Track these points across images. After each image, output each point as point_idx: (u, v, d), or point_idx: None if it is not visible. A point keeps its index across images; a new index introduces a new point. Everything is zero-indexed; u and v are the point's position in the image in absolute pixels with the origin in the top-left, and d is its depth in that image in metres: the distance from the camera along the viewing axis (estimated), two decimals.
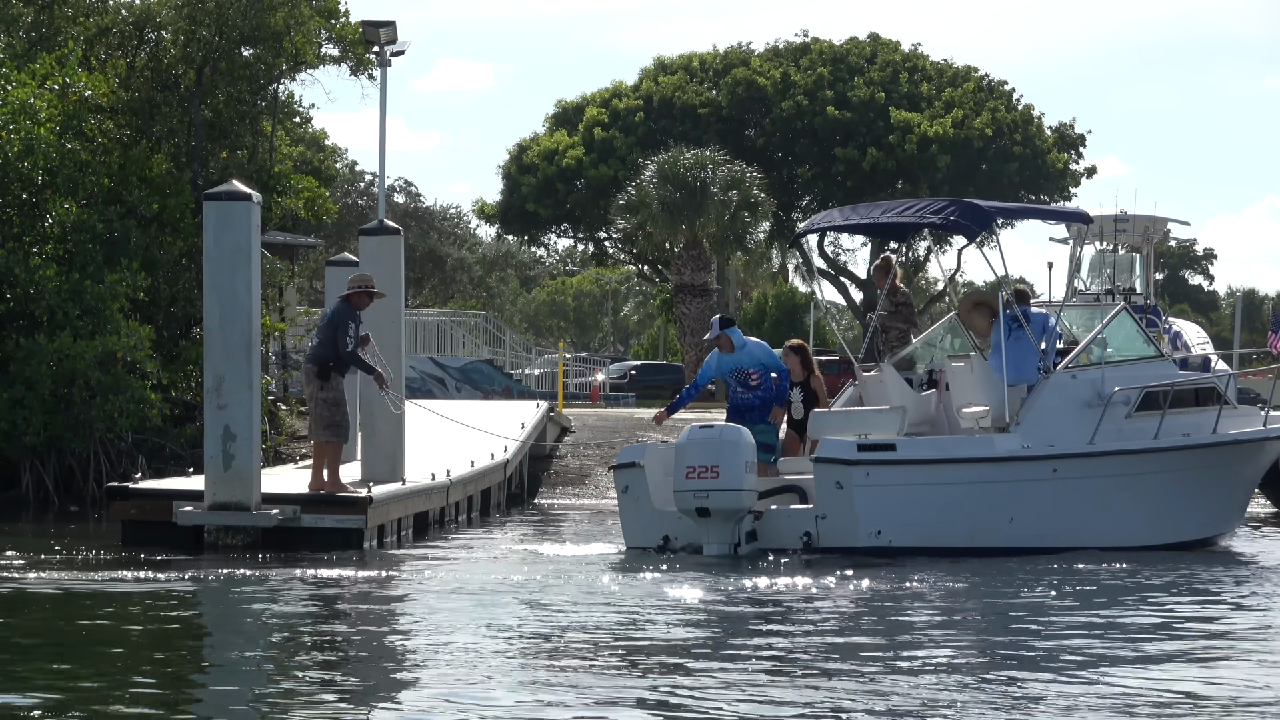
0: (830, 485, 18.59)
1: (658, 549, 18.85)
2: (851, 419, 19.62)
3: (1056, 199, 67.89)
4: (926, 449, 19.13)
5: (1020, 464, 19.07)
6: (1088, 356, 20.23)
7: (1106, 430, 19.53)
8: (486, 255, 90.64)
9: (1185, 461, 20.18)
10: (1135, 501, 19.70)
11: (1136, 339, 20.98)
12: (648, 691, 10.82)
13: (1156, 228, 32.77)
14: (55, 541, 20.69)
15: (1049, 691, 10.90)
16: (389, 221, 22.58)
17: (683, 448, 18.48)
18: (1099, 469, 19.45)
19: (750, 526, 18.60)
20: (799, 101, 66.45)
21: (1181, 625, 14.38)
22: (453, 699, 10.57)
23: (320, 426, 19.58)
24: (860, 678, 11.30)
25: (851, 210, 22.39)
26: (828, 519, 18.57)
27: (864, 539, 18.54)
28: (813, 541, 18.54)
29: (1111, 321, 20.73)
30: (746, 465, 18.29)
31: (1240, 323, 38.44)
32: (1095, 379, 19.86)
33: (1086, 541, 19.17)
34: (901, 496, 18.67)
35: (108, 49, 30.73)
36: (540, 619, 14.06)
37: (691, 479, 18.21)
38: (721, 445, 18.25)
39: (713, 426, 18.86)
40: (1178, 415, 20.12)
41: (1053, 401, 19.57)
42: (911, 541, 18.64)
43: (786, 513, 18.95)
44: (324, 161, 53.17)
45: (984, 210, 20.17)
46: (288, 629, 13.88)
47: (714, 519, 18.31)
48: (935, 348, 21.74)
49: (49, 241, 27.04)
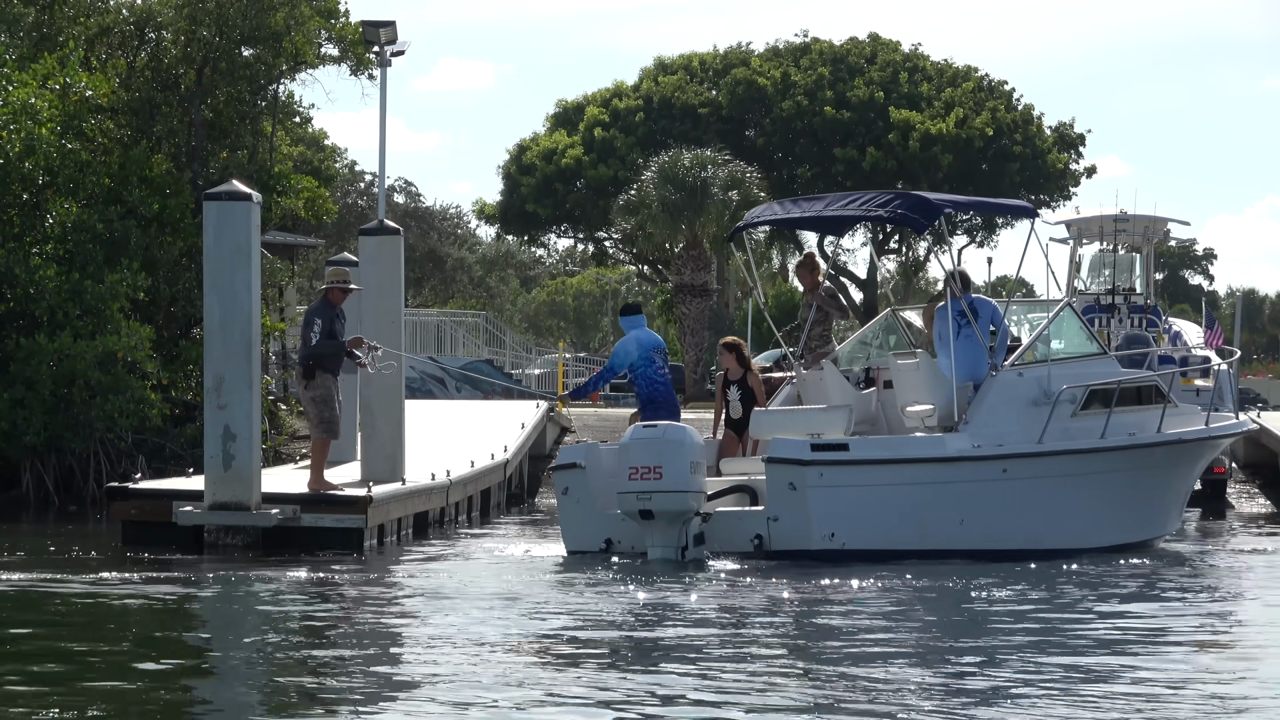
0: (783, 486, 18.03)
1: (599, 552, 18.34)
2: (796, 418, 19.11)
3: (1057, 199, 67.95)
4: (880, 449, 18.63)
5: (971, 464, 18.58)
6: (1033, 354, 19.75)
7: (1054, 429, 19.06)
8: (486, 255, 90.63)
9: (1134, 461, 19.76)
10: (1084, 502, 19.25)
11: (1080, 336, 20.51)
12: (646, 692, 10.83)
13: (1156, 228, 32.82)
14: (55, 542, 20.69)
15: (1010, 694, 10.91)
16: (389, 221, 22.57)
17: (625, 447, 17.94)
18: (1048, 469, 19.01)
19: (698, 529, 17.94)
20: (799, 101, 66.45)
21: (1143, 626, 14.39)
22: (452, 699, 10.57)
23: (310, 424, 19.71)
24: (870, 682, 11.31)
25: (793, 203, 21.68)
26: (780, 521, 18.02)
27: (817, 542, 18.00)
28: (764, 544, 18.00)
29: (1056, 318, 20.23)
30: (692, 465, 17.67)
31: (1240, 323, 38.39)
32: (1042, 376, 19.36)
33: (1036, 543, 18.78)
34: (855, 498, 18.13)
35: (108, 49, 30.73)
36: (539, 619, 14.07)
37: (634, 480, 17.62)
38: (665, 445, 17.67)
39: (656, 426, 18.19)
40: (1123, 414, 19.65)
41: (1001, 400, 19.09)
42: (865, 544, 18.12)
43: (736, 515, 18.38)
44: (324, 161, 53.14)
45: (931, 202, 19.60)
46: (287, 629, 13.88)
47: (658, 521, 17.70)
48: (870, 346, 21.25)
49: (49, 241, 27.04)
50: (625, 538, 18.26)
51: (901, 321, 21.32)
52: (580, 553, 18.52)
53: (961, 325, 19.16)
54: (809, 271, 20.78)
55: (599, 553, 18.35)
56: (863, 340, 21.47)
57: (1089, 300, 31.93)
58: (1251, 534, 24.06)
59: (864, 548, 18.07)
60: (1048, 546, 18.80)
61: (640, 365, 19.72)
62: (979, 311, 19.41)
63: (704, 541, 17.94)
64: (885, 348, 20.93)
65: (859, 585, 16.26)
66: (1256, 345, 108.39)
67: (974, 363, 19.21)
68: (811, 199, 21.73)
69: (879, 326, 21.51)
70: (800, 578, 16.64)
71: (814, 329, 20.48)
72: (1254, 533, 24.33)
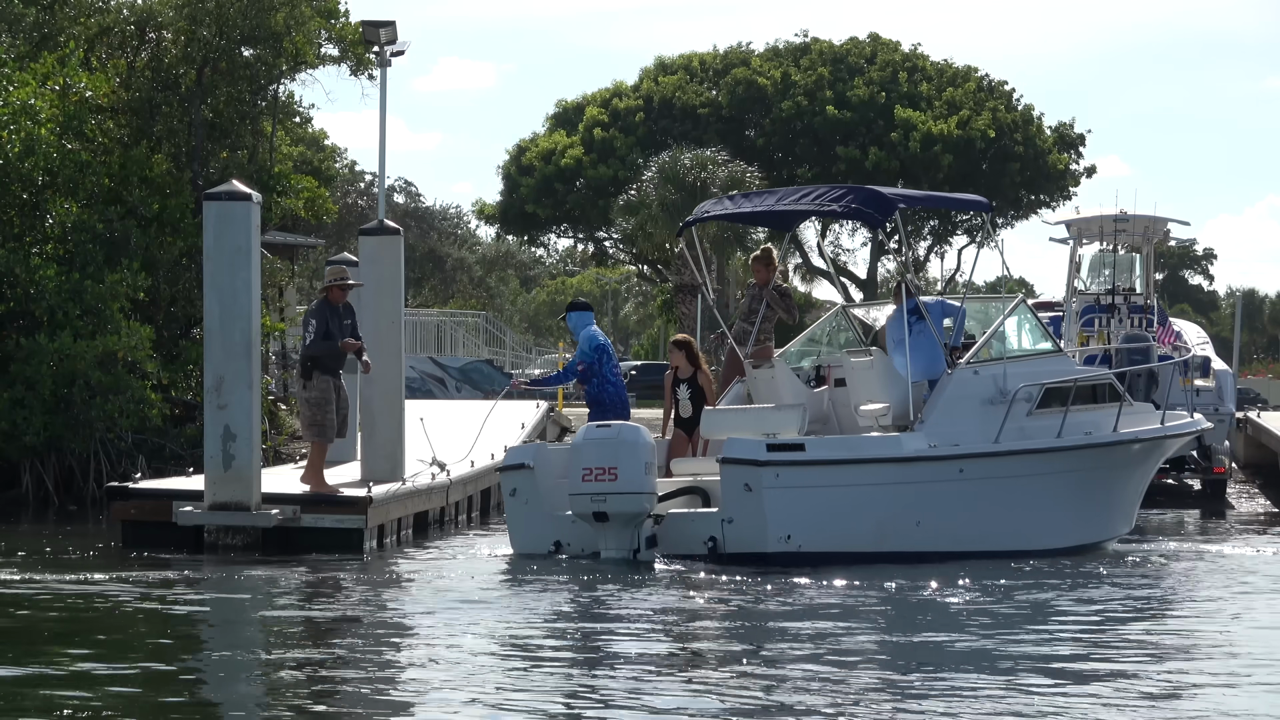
0: (738, 487, 17.59)
1: (548, 555, 17.99)
2: (748, 417, 18.68)
3: (1057, 199, 67.94)
4: (836, 449, 18.19)
5: (928, 464, 18.17)
6: (989, 351, 19.27)
7: (1010, 429, 18.64)
8: (486, 255, 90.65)
9: (1091, 461, 19.39)
10: (1041, 503, 18.86)
11: (1035, 333, 20.03)
12: (643, 694, 10.84)
13: (1156, 228, 32.78)
14: (55, 542, 20.68)
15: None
16: (389, 221, 22.57)
17: (579, 448, 17.57)
18: (1005, 469, 18.62)
19: (650, 531, 17.63)
20: (799, 101, 66.45)
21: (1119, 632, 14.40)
22: (452, 699, 10.58)
23: (304, 425, 19.70)
24: (829, 686, 11.31)
25: (744, 197, 21.15)
26: (735, 523, 17.58)
27: (773, 544, 17.56)
28: (718, 547, 17.58)
29: (1011, 315, 19.72)
30: (646, 466, 17.36)
31: (1240, 323, 38.41)
32: (998, 375, 18.92)
33: (993, 545, 18.39)
34: (812, 499, 17.70)
35: (108, 49, 30.71)
36: (537, 620, 14.07)
37: (588, 481, 17.27)
38: (620, 445, 17.33)
39: (610, 425, 17.81)
40: (1078, 412, 19.21)
41: (956, 398, 18.65)
42: (821, 546, 17.67)
43: (689, 516, 17.99)
44: (324, 161, 53.14)
45: (886, 197, 19.19)
46: (287, 629, 13.89)
47: (612, 523, 17.39)
48: (820, 344, 20.80)
49: (49, 241, 27.03)
50: (575, 540, 17.93)
51: (852, 319, 20.86)
52: (528, 555, 18.13)
53: (913, 323, 18.81)
54: (764, 266, 20.26)
55: (548, 555, 17.99)
56: (812, 338, 20.98)
57: (1089, 300, 31.92)
58: (1251, 534, 24.05)
59: (821, 550, 17.64)
60: (1005, 548, 18.42)
61: (596, 362, 19.41)
62: (931, 307, 19.07)
63: (656, 544, 17.65)
64: (835, 345, 20.52)
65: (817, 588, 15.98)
66: (1257, 345, 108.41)
67: (929, 360, 18.83)
68: (763, 193, 21.30)
69: (829, 324, 21.05)
70: (759, 580, 16.35)
71: (764, 325, 20.03)
72: (1253, 533, 24.33)
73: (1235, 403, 30.91)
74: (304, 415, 19.64)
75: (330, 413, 19.42)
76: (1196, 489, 30.42)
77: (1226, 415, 29.53)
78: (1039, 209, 68.25)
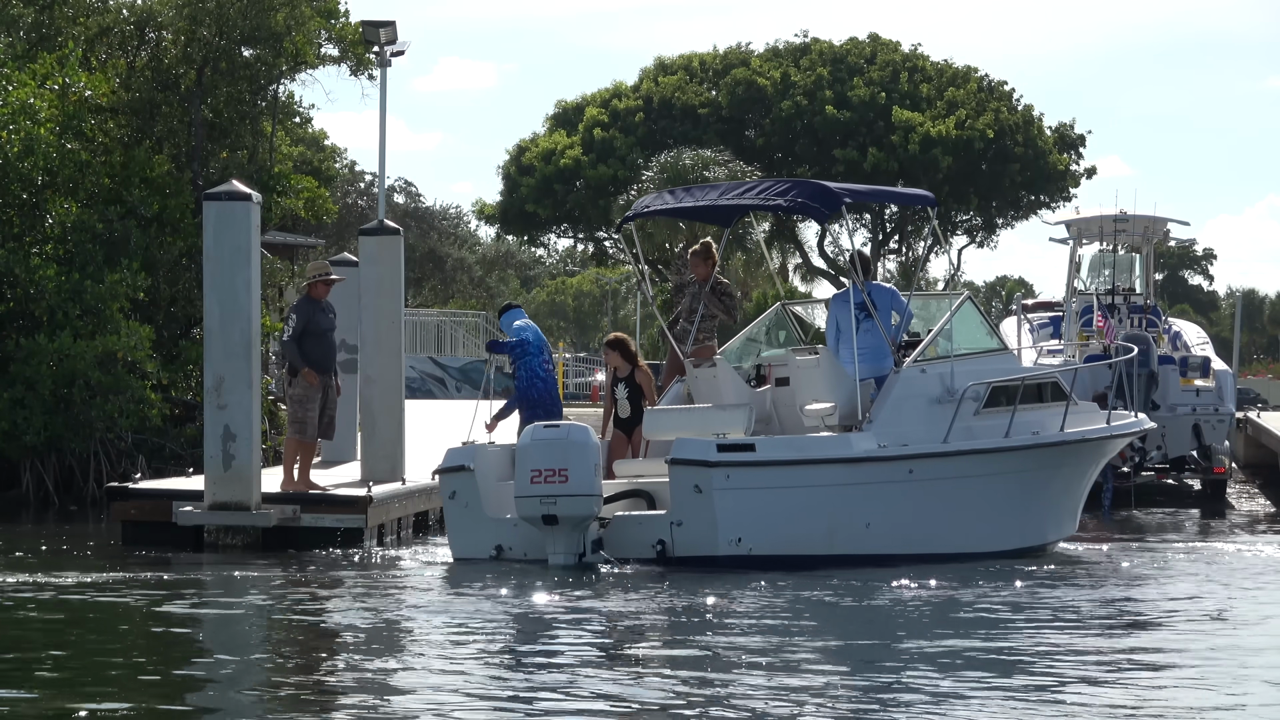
0: (688, 489, 17.06)
1: (490, 560, 17.47)
2: (693, 416, 18.23)
3: (1057, 200, 67.94)
4: (787, 449, 17.62)
5: (878, 465, 17.67)
6: (935, 349, 18.79)
7: (957, 428, 18.18)
8: (486, 255, 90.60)
9: (1041, 461, 18.96)
10: (992, 504, 18.44)
11: (980, 331, 19.59)
12: (641, 695, 10.84)
13: (1156, 228, 32.81)
14: (55, 542, 20.69)
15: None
16: (389, 221, 22.59)
17: (526, 449, 16.96)
18: (955, 469, 18.17)
19: (596, 535, 17.13)
20: (799, 101, 66.46)
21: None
22: (452, 698, 10.58)
23: (287, 421, 19.77)
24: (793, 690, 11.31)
25: (685, 192, 20.43)
26: (684, 526, 17.05)
27: (724, 547, 17.05)
28: (667, 550, 17.06)
29: (957, 312, 19.17)
30: (595, 468, 16.88)
31: (1240, 323, 38.41)
32: (945, 373, 18.46)
33: (942, 547, 17.97)
34: (763, 501, 17.19)
35: (108, 49, 30.71)
36: (536, 620, 14.08)
37: (537, 483, 16.69)
38: (570, 447, 16.77)
39: (559, 426, 17.28)
40: (1026, 412, 18.72)
41: (904, 398, 18.16)
42: (772, 549, 17.19)
43: (636, 519, 17.43)
44: (324, 161, 53.14)
45: (832, 191, 18.52)
46: (287, 629, 13.89)
47: (562, 526, 16.84)
48: (759, 342, 20.28)
49: (49, 241, 27.03)
50: (518, 544, 17.45)
51: (791, 316, 20.47)
52: (468, 560, 17.63)
53: (862, 318, 18.36)
54: (702, 262, 19.75)
55: (490, 560, 17.49)
56: (751, 336, 20.39)
57: (1089, 300, 31.92)
58: (1251, 534, 24.06)
59: (772, 553, 17.17)
60: (954, 550, 18.04)
61: (528, 356, 18.89)
62: (878, 302, 18.55)
63: (602, 547, 17.16)
64: (774, 343, 20.12)
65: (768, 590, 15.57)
66: (1257, 345, 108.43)
67: (876, 357, 18.38)
68: (706, 187, 20.72)
69: (768, 322, 20.53)
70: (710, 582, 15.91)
71: (704, 323, 19.52)
72: (1251, 533, 24.34)
73: (1235, 403, 30.89)
74: (288, 411, 19.74)
75: (313, 411, 19.38)
76: (1196, 489, 30.43)
77: (1226, 415, 29.52)
78: (1039, 209, 68.25)
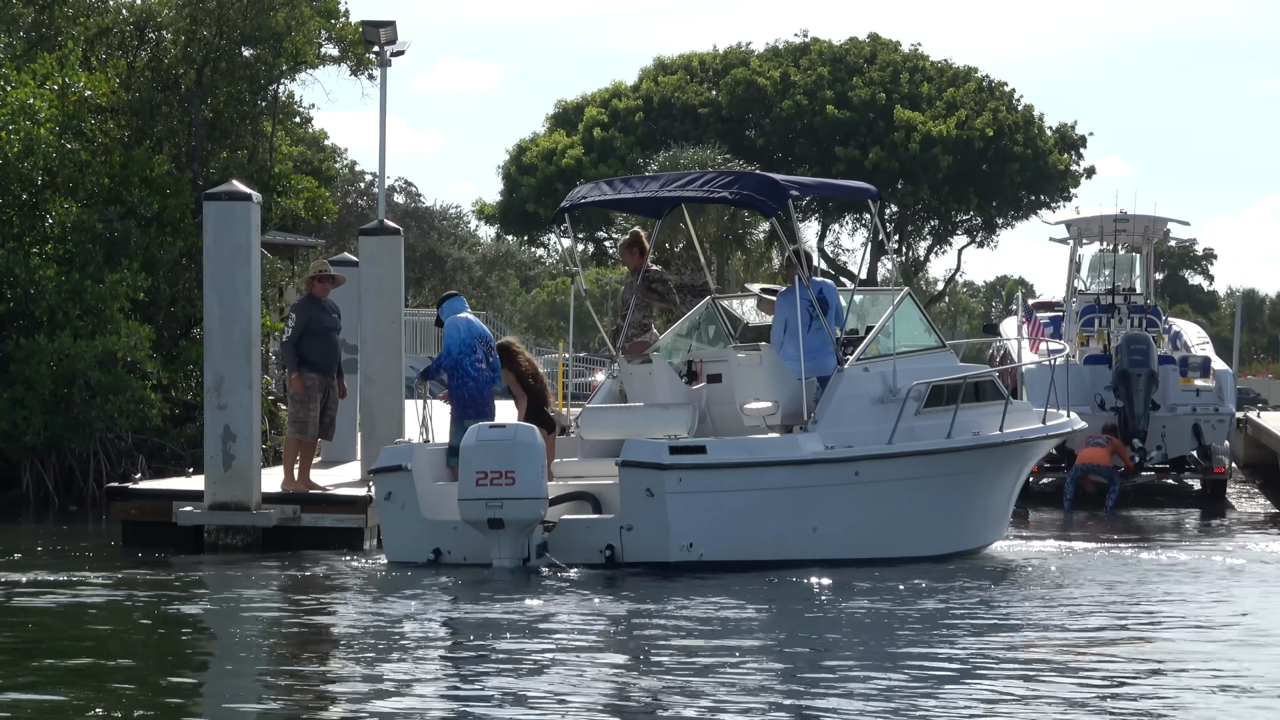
0: (639, 493, 16.50)
1: (428, 564, 16.91)
2: (633, 416, 17.73)
3: (1057, 200, 67.91)
4: (739, 451, 17.03)
5: (826, 467, 17.19)
6: (876, 347, 18.35)
7: (900, 429, 17.78)
8: (486, 255, 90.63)
9: (985, 461, 18.60)
10: (936, 506, 18.04)
11: (919, 328, 19.12)
12: (639, 695, 10.84)
13: (1156, 228, 32.82)
14: (55, 542, 20.69)
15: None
16: (389, 221, 22.59)
17: (470, 450, 16.38)
18: (902, 470, 17.72)
19: (540, 539, 16.57)
20: (799, 101, 66.47)
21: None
22: (452, 698, 10.58)
23: (288, 420, 19.77)
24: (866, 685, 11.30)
25: (624, 183, 19.69)
26: (634, 530, 16.52)
27: (676, 553, 16.52)
28: (616, 556, 16.50)
29: (898, 310, 18.74)
30: (542, 469, 16.39)
31: (1240, 323, 38.41)
32: (887, 372, 18.03)
33: (888, 552, 17.56)
34: (714, 505, 16.66)
35: (108, 49, 30.72)
36: (536, 620, 14.08)
37: (482, 486, 16.18)
38: (517, 448, 16.24)
39: (505, 426, 16.71)
40: (965, 411, 18.29)
41: (848, 397, 17.70)
42: (723, 555, 16.69)
43: (584, 523, 16.84)
44: (324, 161, 53.12)
45: (778, 184, 18.05)
46: (288, 629, 13.89)
47: (507, 530, 16.32)
48: (689, 338, 19.79)
49: (49, 241, 27.03)
50: (457, 547, 16.89)
51: (720, 310, 20.00)
52: (404, 564, 17.08)
53: (813, 317, 17.91)
54: (627, 251, 19.48)
55: (427, 564, 16.93)
56: (679, 332, 19.78)
57: (1089, 300, 31.93)
58: (1251, 534, 24.05)
59: (723, 559, 16.69)
60: (900, 554, 17.64)
61: (458, 353, 18.15)
62: (829, 301, 18.20)
63: (547, 551, 16.61)
64: (704, 339, 19.67)
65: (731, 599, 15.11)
66: (1257, 345, 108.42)
67: (821, 356, 17.92)
68: (647, 178, 20.01)
69: (698, 316, 19.93)
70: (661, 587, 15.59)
71: (634, 315, 19.14)
72: (1249, 533, 24.33)
73: (1235, 403, 30.89)
74: (289, 410, 19.75)
75: (313, 410, 19.37)
76: (1196, 489, 30.43)
77: (1226, 415, 29.50)
78: (1039, 209, 68.23)
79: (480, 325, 18.30)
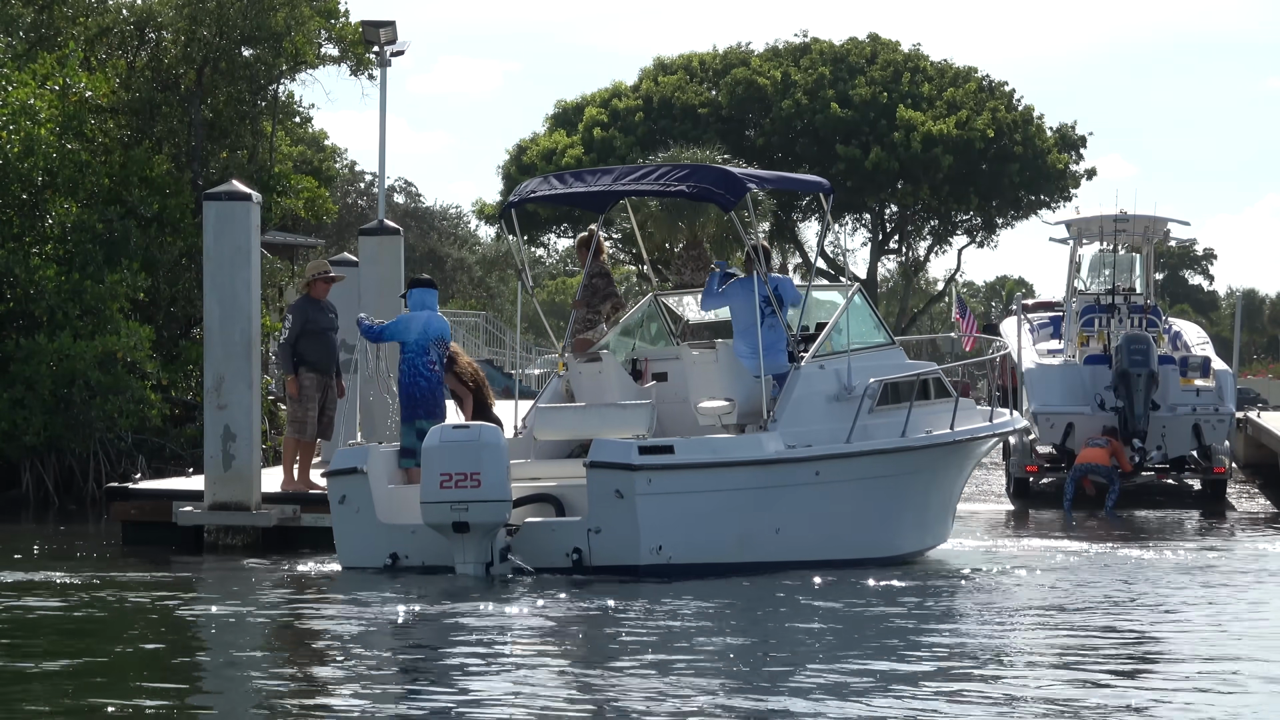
0: (608, 494, 16.00)
1: (385, 570, 16.42)
2: (589, 415, 17.17)
3: (1057, 200, 67.89)
4: (706, 451, 16.57)
5: (789, 467, 16.84)
6: (830, 345, 18.07)
7: (858, 427, 17.45)
8: (486, 255, 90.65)
9: (941, 460, 18.34)
10: (895, 506, 17.80)
11: (870, 324, 18.90)
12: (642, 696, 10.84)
13: (1156, 228, 32.81)
14: (55, 542, 20.69)
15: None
16: (389, 221, 22.60)
17: (434, 451, 15.83)
18: (861, 470, 17.41)
19: (504, 543, 16.04)
20: (799, 101, 66.47)
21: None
22: (452, 697, 10.58)
23: (286, 420, 19.76)
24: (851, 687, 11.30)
25: (575, 177, 19.04)
26: (603, 533, 16.01)
27: (645, 556, 16.04)
28: (584, 559, 16.01)
29: (849, 306, 18.54)
30: (507, 471, 15.87)
31: (1240, 323, 38.41)
32: (841, 370, 17.76)
33: (847, 553, 17.21)
34: (683, 506, 16.22)
35: (108, 49, 30.75)
36: (538, 620, 14.08)
37: (447, 488, 15.62)
38: (482, 449, 15.72)
39: (469, 426, 16.31)
40: (918, 409, 18.03)
41: (806, 395, 17.40)
42: (692, 558, 16.24)
43: (550, 526, 16.35)
44: (324, 161, 53.15)
45: (736, 178, 17.62)
46: (288, 629, 13.89)
47: (472, 534, 15.77)
48: (633, 336, 19.43)
49: (49, 241, 27.05)
50: (415, 552, 16.37)
51: (662, 307, 19.67)
52: (359, 569, 16.56)
53: (766, 313, 17.55)
54: (579, 248, 19.33)
55: (384, 570, 16.43)
56: (625, 330, 19.36)
57: (1089, 300, 31.92)
58: (1251, 534, 24.05)
59: (692, 561, 16.24)
60: (861, 555, 17.37)
61: (412, 351, 17.45)
62: (784, 297, 17.86)
63: (511, 555, 16.08)
64: (646, 336, 19.36)
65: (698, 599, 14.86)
66: (1257, 345, 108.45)
67: (777, 353, 17.62)
68: (599, 172, 19.53)
69: (640, 314, 19.60)
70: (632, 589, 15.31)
71: (578, 312, 18.88)
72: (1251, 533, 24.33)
73: (1235, 403, 30.88)
74: (288, 410, 19.75)
75: (311, 409, 19.32)
76: (1196, 489, 30.42)
77: (1226, 415, 29.49)
78: (1039, 209, 68.23)
79: (440, 324, 17.66)
